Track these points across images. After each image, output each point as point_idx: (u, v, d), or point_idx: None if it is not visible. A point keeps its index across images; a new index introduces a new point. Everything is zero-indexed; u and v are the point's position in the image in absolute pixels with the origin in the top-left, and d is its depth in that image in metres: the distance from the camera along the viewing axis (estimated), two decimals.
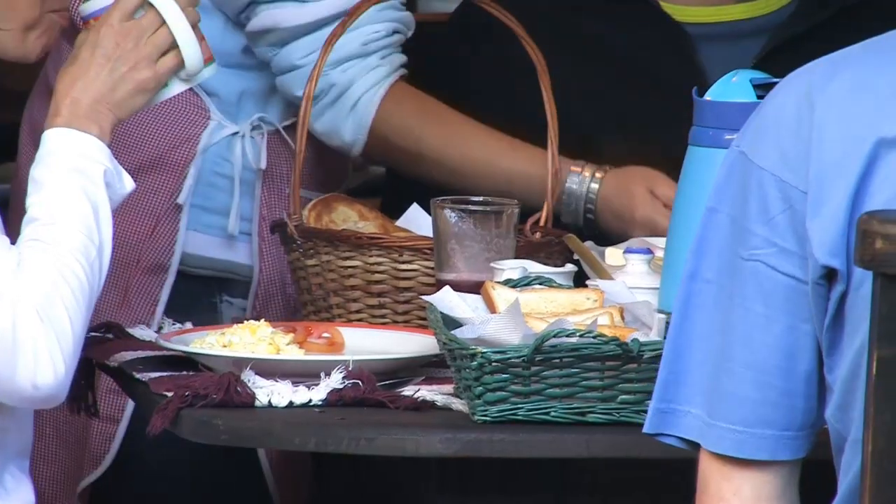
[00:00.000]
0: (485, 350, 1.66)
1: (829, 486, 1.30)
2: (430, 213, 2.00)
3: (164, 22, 1.84)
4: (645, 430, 1.34)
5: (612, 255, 2.00)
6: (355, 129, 2.25)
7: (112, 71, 1.81)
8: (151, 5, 1.85)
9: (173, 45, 1.85)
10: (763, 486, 1.29)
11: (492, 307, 1.79)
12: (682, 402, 1.32)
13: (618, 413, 1.67)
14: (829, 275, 1.24)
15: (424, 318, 1.91)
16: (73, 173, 1.76)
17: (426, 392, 1.78)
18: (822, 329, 1.26)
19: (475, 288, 1.83)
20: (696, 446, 1.31)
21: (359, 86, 2.24)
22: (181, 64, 1.86)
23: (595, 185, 2.24)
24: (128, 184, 1.83)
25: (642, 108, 2.36)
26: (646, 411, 1.36)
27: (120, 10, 1.84)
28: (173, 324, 2.06)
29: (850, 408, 1.25)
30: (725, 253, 1.29)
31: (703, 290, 1.31)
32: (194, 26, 1.86)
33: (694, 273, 1.31)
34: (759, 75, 1.73)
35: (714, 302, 1.30)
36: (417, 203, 2.18)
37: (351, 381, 1.76)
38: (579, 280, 1.96)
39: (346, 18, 2.08)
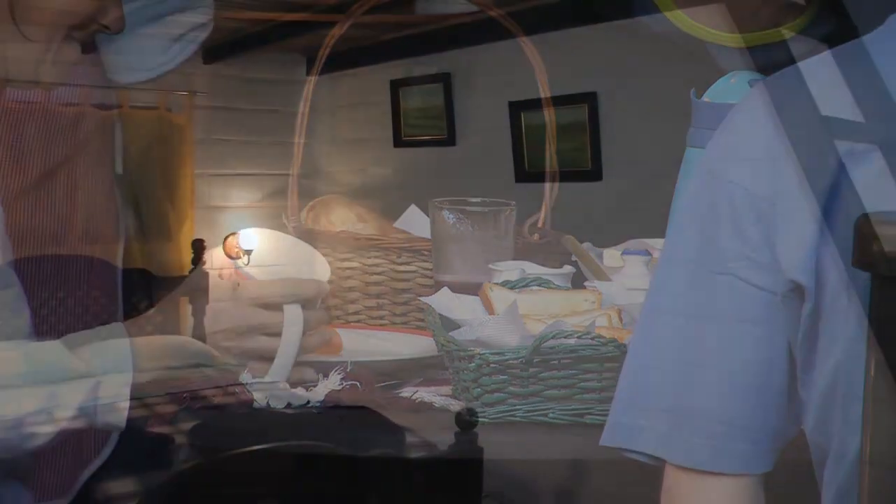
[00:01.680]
0: (483, 351, 1.66)
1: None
2: (428, 215, 2.00)
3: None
4: (603, 442, 1.32)
5: (610, 256, 2.00)
6: None
7: (211, 336, 1.71)
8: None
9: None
10: (734, 496, 1.28)
11: (490, 309, 1.79)
12: (646, 416, 1.30)
13: None
14: (798, 289, 1.23)
15: (422, 320, 1.92)
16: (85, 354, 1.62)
17: (424, 393, 1.78)
18: (795, 343, 1.25)
19: (473, 289, 1.83)
20: (658, 461, 1.30)
21: None
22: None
23: None
24: (114, 419, 1.61)
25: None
26: None
27: (255, 293, 1.73)
28: None
29: (829, 422, 1.24)
30: (694, 267, 1.28)
31: (669, 305, 1.29)
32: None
33: (661, 286, 1.31)
34: (759, 77, 1.73)
35: (682, 316, 1.29)
36: (415, 205, 2.19)
37: (349, 383, 1.76)
38: (577, 281, 1.96)
39: (345, 18, 2.08)
